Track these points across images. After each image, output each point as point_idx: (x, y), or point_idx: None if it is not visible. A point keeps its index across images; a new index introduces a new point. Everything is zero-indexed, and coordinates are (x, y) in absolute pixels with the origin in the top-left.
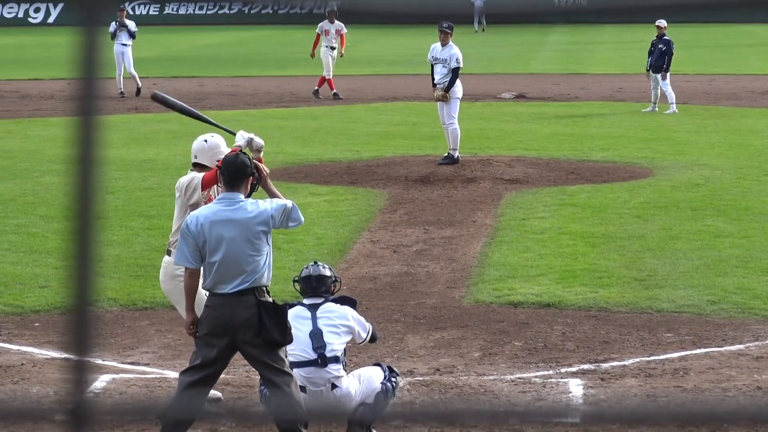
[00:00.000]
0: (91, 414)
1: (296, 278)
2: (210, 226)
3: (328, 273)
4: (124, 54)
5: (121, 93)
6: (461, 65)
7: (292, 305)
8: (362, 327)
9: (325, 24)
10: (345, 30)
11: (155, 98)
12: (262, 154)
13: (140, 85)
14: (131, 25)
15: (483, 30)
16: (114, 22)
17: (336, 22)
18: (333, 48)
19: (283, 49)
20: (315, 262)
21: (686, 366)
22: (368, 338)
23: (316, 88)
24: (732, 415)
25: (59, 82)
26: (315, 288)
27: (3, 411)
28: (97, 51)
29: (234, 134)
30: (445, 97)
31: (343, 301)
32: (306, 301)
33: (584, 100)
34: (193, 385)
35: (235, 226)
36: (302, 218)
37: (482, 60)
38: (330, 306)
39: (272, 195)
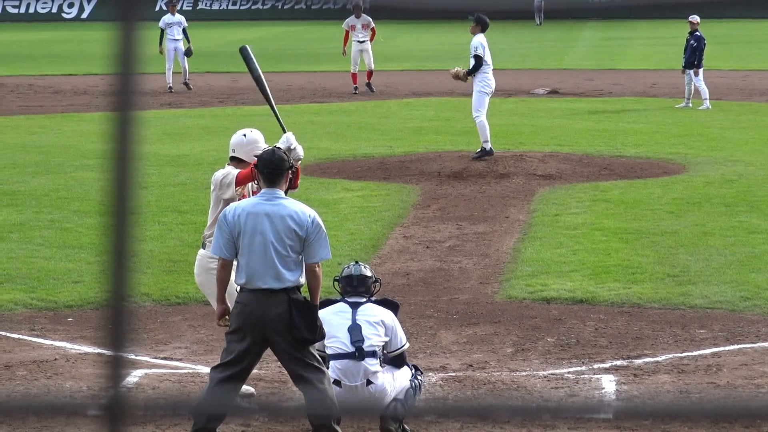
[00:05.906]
0: (125, 409)
1: (337, 277)
2: (246, 217)
3: (368, 273)
4: (177, 49)
5: (170, 88)
6: (478, 53)
7: (334, 301)
8: (401, 334)
9: (351, 20)
10: (373, 24)
11: (242, 52)
12: (299, 164)
13: (188, 79)
14: (182, 20)
15: (541, 23)
16: (166, 16)
17: (363, 16)
18: (361, 42)
19: (316, 44)
20: (356, 262)
21: (719, 362)
22: (399, 351)
23: (367, 81)
24: (765, 411)
25: (93, 77)
26: (356, 287)
27: (36, 406)
28: (134, 46)
29: (284, 132)
30: (458, 73)
31: (385, 303)
32: (348, 299)
33: (617, 96)
34: (225, 381)
35: (271, 221)
36: (330, 255)
37: (515, 56)
38: (371, 306)
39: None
